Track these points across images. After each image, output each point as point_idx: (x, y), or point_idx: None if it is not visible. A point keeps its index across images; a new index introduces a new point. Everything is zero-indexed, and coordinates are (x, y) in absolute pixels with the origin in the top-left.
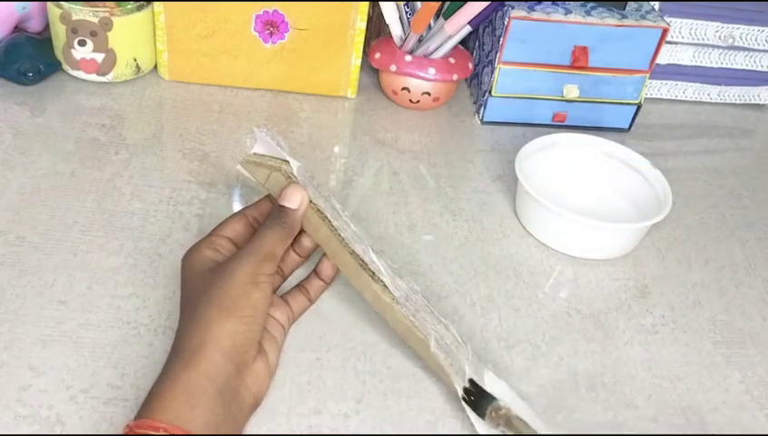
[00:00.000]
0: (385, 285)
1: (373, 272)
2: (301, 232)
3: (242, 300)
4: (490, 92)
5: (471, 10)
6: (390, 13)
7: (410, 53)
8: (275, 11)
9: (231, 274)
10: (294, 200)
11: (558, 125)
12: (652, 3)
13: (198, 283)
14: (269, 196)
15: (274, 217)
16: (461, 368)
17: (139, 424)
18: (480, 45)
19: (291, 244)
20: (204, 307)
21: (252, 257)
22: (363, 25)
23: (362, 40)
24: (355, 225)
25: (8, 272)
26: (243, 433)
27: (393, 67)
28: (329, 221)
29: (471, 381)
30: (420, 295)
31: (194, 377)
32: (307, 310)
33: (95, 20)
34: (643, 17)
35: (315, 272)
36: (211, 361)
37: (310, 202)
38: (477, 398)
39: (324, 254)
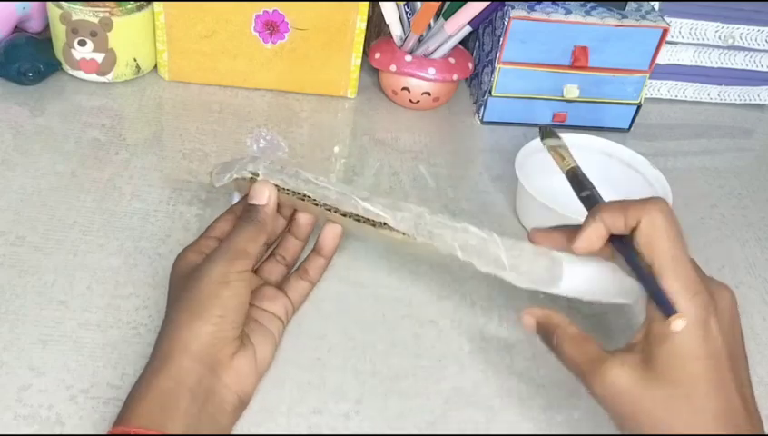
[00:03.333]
0: (390, 226)
1: (373, 221)
2: (295, 211)
3: (210, 299)
4: (490, 92)
5: (471, 10)
6: (390, 13)
7: (410, 53)
8: (275, 11)
9: (201, 276)
10: (262, 196)
11: (558, 125)
12: (652, 3)
13: (176, 287)
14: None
15: (244, 216)
16: (499, 258)
17: (114, 430)
18: (480, 45)
19: (289, 228)
20: (176, 311)
21: (223, 257)
22: (363, 25)
23: (362, 40)
24: (335, 184)
25: (8, 272)
26: (237, 433)
27: (393, 67)
28: (310, 197)
29: None
30: (427, 214)
31: (163, 381)
32: (309, 294)
33: (95, 20)
34: (643, 17)
35: (314, 249)
36: (179, 364)
37: (283, 189)
38: None
39: (320, 231)
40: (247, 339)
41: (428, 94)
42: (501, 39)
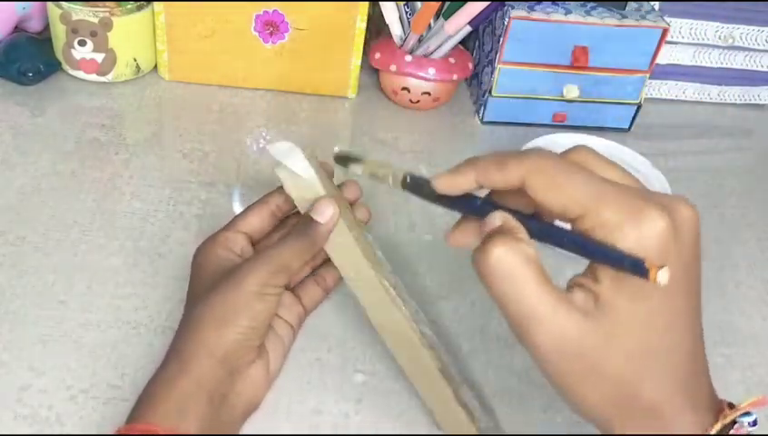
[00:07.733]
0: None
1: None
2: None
3: (244, 312)
4: (490, 92)
5: (471, 10)
6: (390, 13)
7: (410, 53)
8: (275, 11)
9: (239, 283)
10: (324, 214)
11: (558, 125)
12: (652, 3)
13: (206, 283)
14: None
15: (299, 227)
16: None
17: (130, 428)
18: (480, 45)
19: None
20: (203, 311)
21: (265, 267)
22: (363, 25)
23: (362, 40)
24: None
25: (8, 272)
26: (241, 434)
27: (393, 67)
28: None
29: None
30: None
31: (186, 383)
32: (321, 302)
33: (95, 20)
34: (643, 17)
35: None
36: (204, 367)
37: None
38: None
39: None
40: (263, 347)
41: (428, 94)
42: (501, 39)
